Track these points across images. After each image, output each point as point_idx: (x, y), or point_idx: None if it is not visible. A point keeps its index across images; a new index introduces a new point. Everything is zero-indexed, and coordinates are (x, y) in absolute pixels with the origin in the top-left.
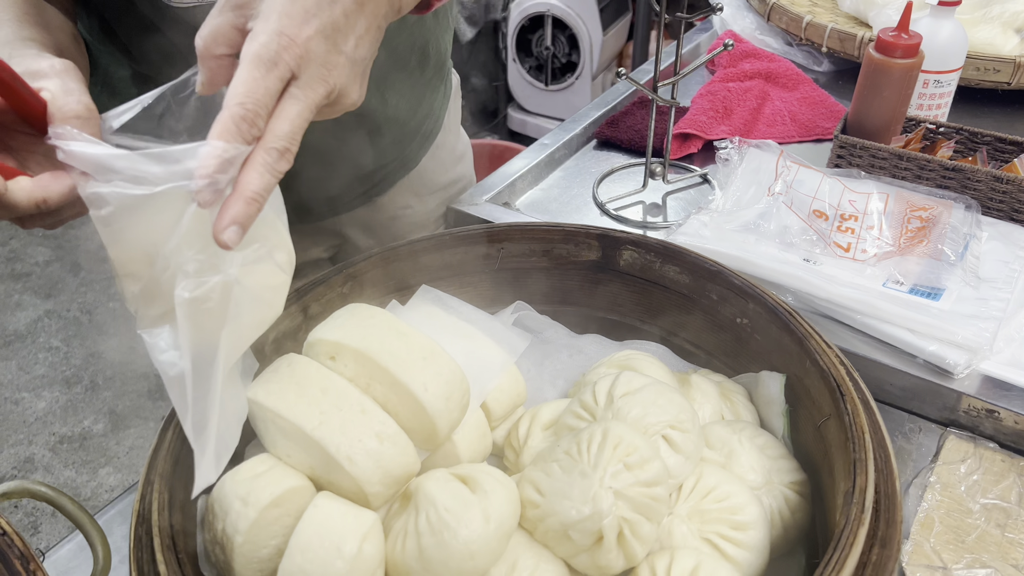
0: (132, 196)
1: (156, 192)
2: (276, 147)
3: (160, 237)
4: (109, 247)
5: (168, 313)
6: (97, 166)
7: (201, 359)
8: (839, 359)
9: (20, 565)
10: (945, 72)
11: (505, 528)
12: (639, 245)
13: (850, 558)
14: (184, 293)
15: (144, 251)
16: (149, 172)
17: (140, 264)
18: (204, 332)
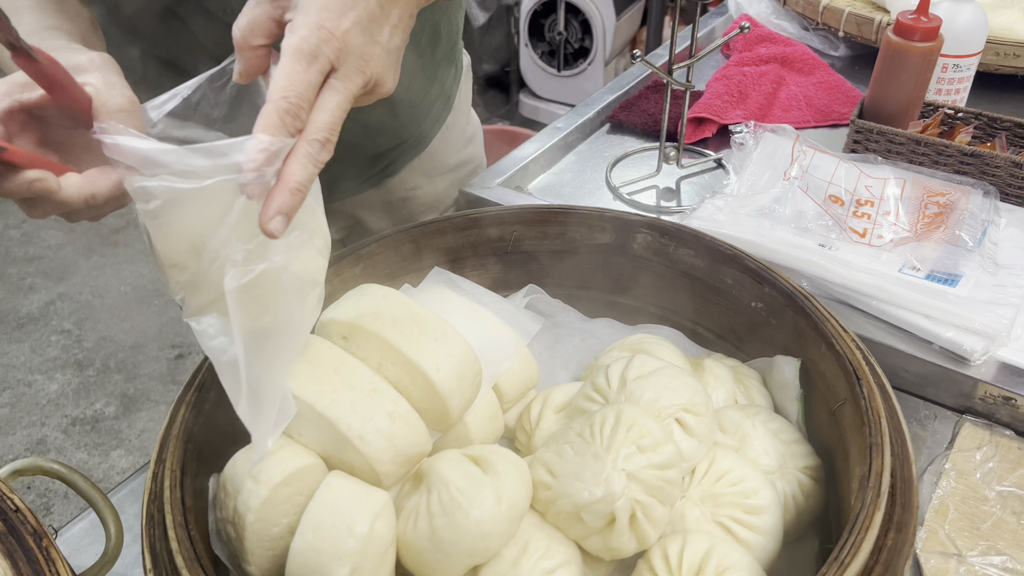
0: (179, 190)
1: (204, 186)
2: (318, 138)
3: (207, 229)
4: (155, 239)
5: (216, 301)
6: (144, 160)
7: (252, 343)
8: (855, 343)
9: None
10: (964, 56)
11: (517, 509)
12: (653, 228)
13: (865, 542)
14: (233, 282)
15: (190, 242)
16: (196, 166)
17: (186, 255)
18: (253, 317)
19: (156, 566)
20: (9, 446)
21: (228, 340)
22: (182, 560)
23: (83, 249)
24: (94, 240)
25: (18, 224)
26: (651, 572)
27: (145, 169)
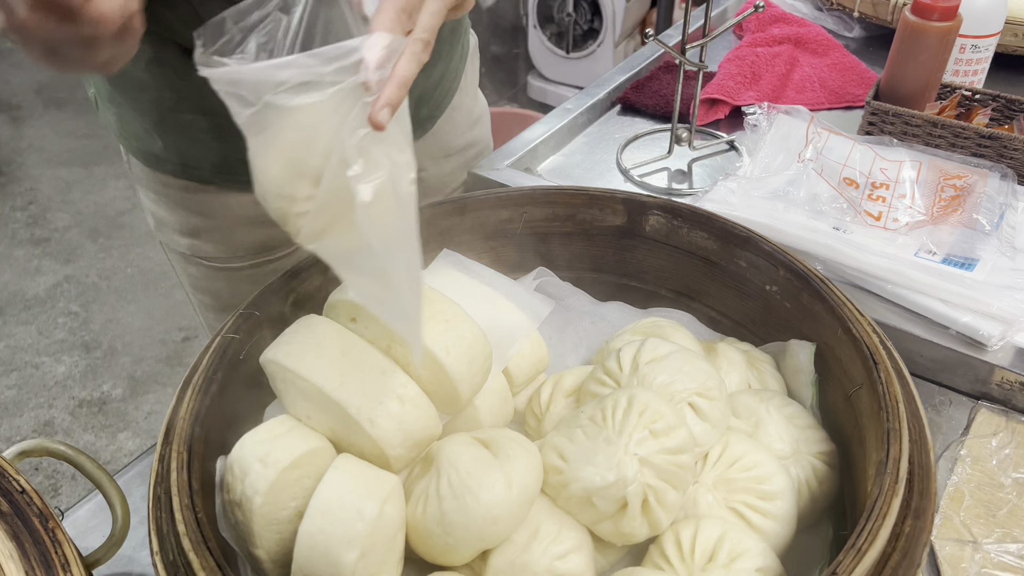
0: (295, 107)
1: (328, 95)
2: (422, 39)
3: (319, 148)
4: (264, 170)
5: (337, 220)
6: (258, 84)
7: (387, 252)
8: (872, 327)
9: (39, 523)
10: (983, 37)
11: (528, 493)
12: (666, 210)
13: (883, 529)
14: (366, 195)
15: (302, 166)
16: (318, 73)
17: (298, 181)
18: (382, 229)
19: (163, 548)
20: (16, 428)
21: (364, 253)
22: (189, 543)
23: (90, 231)
24: (101, 222)
25: (24, 206)
26: (663, 558)
27: (256, 93)
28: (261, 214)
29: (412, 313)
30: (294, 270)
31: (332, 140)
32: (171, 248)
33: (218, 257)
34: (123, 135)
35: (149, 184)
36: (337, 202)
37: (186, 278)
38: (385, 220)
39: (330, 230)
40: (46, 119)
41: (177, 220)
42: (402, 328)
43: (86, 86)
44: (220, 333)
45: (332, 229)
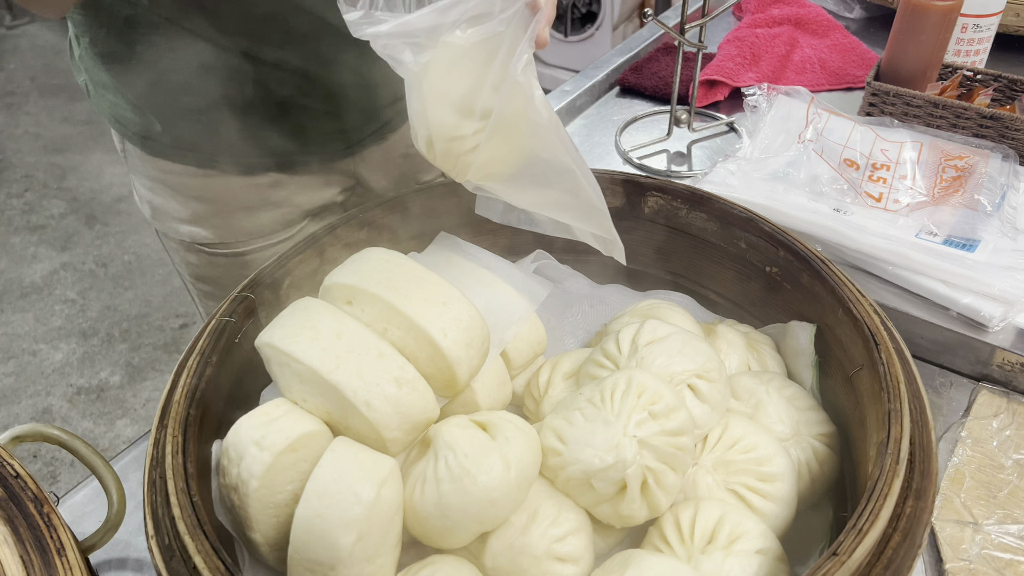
0: (480, 40)
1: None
2: None
3: (495, 75)
4: (437, 113)
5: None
6: (434, 28)
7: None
8: (872, 308)
9: (34, 508)
10: (985, 16)
11: (526, 475)
12: (665, 191)
13: (884, 509)
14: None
15: (473, 100)
16: (489, 2)
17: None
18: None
19: (159, 533)
20: (15, 415)
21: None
22: (185, 527)
23: (86, 218)
24: (97, 209)
25: (20, 193)
26: (662, 540)
27: (433, 37)
28: (261, 197)
29: (604, 210)
30: (289, 253)
31: (502, 67)
32: (169, 236)
33: (217, 243)
34: (119, 120)
35: (146, 171)
36: (506, 129)
37: (184, 266)
38: (554, 134)
39: (497, 159)
40: (41, 105)
41: (175, 207)
42: (599, 227)
43: (76, 73)
44: (215, 316)
45: (499, 158)
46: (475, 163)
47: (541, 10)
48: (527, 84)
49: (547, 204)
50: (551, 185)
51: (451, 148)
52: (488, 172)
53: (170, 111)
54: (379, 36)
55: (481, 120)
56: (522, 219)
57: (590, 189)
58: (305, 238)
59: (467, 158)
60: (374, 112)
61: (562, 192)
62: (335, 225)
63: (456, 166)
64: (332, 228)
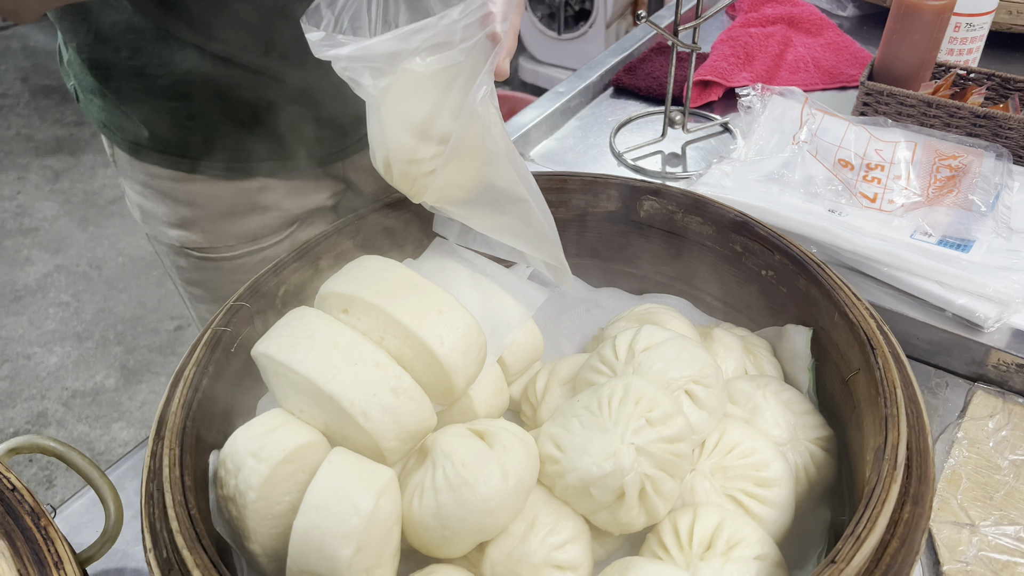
0: (439, 68)
1: (466, 52)
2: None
3: (453, 101)
4: (396, 136)
5: (461, 172)
6: (394, 55)
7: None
8: (869, 311)
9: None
10: (978, 15)
11: (524, 484)
12: (660, 195)
13: (881, 516)
14: (500, 143)
15: (432, 124)
16: (449, 32)
17: (426, 142)
18: (511, 170)
19: (156, 546)
20: (9, 419)
21: (498, 195)
22: (183, 540)
23: (79, 220)
24: (90, 211)
25: (12, 196)
26: (661, 546)
27: (393, 63)
28: (249, 202)
29: (554, 239)
30: (284, 261)
31: (461, 96)
32: (159, 240)
33: (207, 248)
34: (107, 126)
35: (135, 176)
36: (463, 155)
37: (175, 270)
38: (509, 163)
39: (454, 184)
40: (33, 107)
41: (165, 212)
42: (549, 255)
43: (65, 79)
44: (210, 326)
45: (457, 182)
46: (432, 186)
47: (501, 42)
48: (485, 114)
49: (501, 230)
50: (505, 212)
51: (408, 171)
52: (445, 195)
53: (157, 117)
54: (339, 59)
55: (439, 145)
56: (478, 241)
57: (542, 218)
58: (300, 245)
59: (424, 181)
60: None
61: (515, 220)
62: (329, 232)
63: (413, 188)
64: (327, 235)
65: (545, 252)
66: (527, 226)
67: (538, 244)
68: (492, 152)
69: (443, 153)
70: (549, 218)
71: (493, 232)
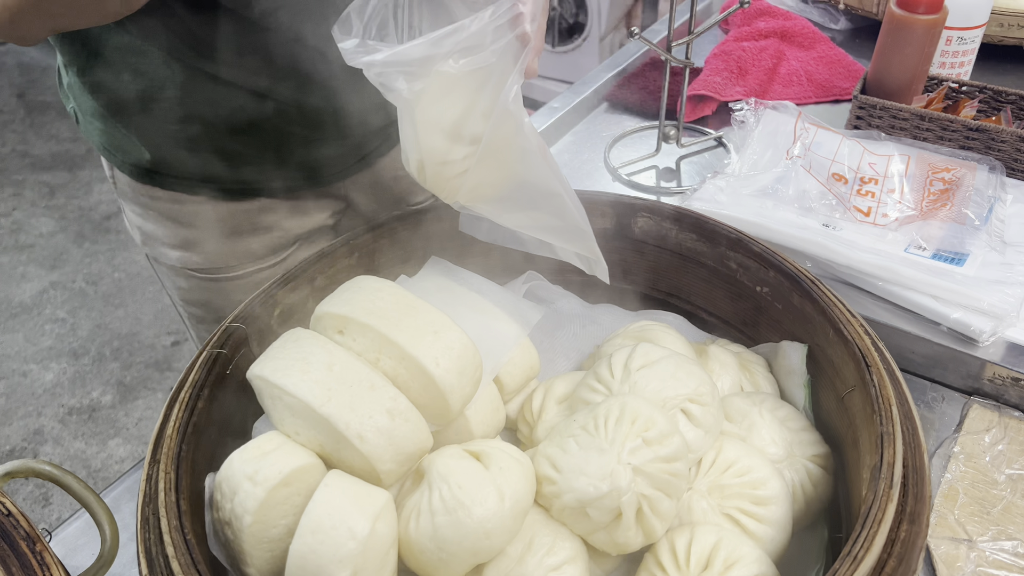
0: (472, 70)
1: (497, 54)
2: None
3: (485, 102)
4: (428, 139)
5: (493, 172)
6: (428, 59)
7: (558, 184)
8: (863, 328)
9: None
10: (969, 28)
11: (521, 506)
12: (654, 212)
13: (878, 536)
14: (533, 140)
15: (463, 126)
16: (481, 34)
17: (457, 143)
18: (544, 166)
19: (153, 571)
20: (6, 437)
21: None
22: (178, 566)
23: (75, 236)
24: (86, 227)
25: (8, 212)
26: (658, 566)
27: (426, 67)
28: (251, 223)
29: (588, 231)
30: (279, 281)
31: (492, 96)
32: (159, 261)
33: (208, 268)
34: (108, 148)
35: (135, 198)
36: (495, 154)
37: (175, 291)
38: (542, 159)
39: (487, 183)
40: (28, 123)
41: (165, 233)
42: (583, 247)
43: (64, 101)
44: (206, 347)
45: (489, 181)
46: (464, 186)
47: (530, 43)
48: (517, 112)
49: (534, 225)
50: (538, 207)
51: (441, 172)
52: (477, 195)
53: (158, 139)
54: (373, 65)
55: (471, 145)
56: (507, 238)
57: (575, 211)
58: (295, 266)
59: (456, 181)
60: (363, 139)
61: (549, 214)
62: (325, 252)
63: (446, 188)
64: (322, 255)
65: (579, 244)
66: (560, 220)
67: (572, 237)
68: (524, 149)
69: (475, 154)
70: (582, 211)
71: (525, 228)
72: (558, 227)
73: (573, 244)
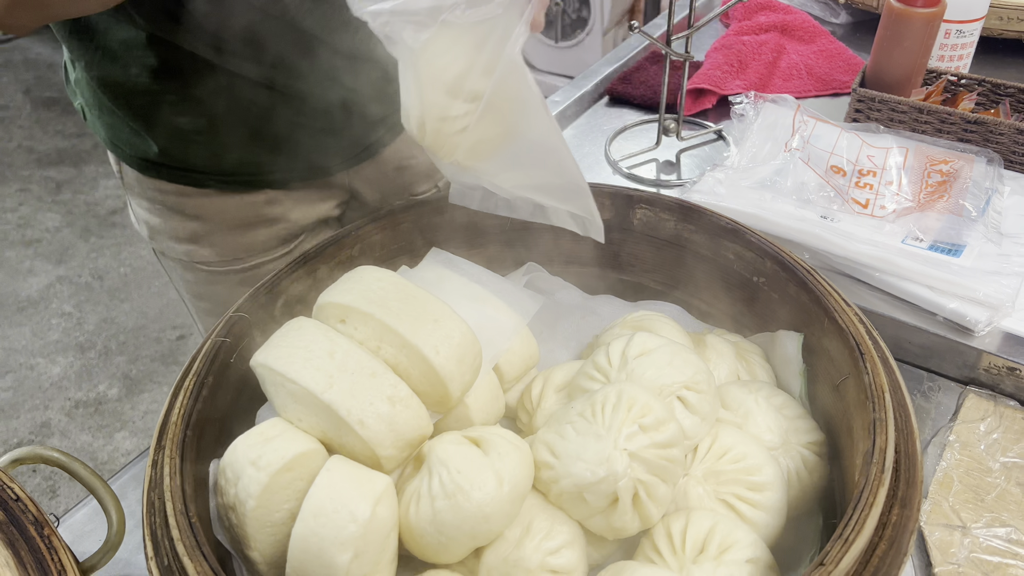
0: (479, 21)
1: (503, 5)
2: None
3: (487, 56)
4: (430, 94)
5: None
6: (435, 8)
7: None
8: (858, 317)
9: (34, 530)
10: (968, 22)
11: (519, 490)
12: (653, 204)
13: (870, 519)
14: (536, 94)
15: (465, 80)
16: None
17: (457, 99)
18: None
19: (158, 554)
20: (13, 430)
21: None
22: (183, 548)
23: (81, 231)
24: (92, 222)
25: (15, 207)
26: (654, 551)
27: (434, 16)
28: (258, 215)
29: (585, 188)
30: (282, 272)
31: (495, 52)
32: (167, 256)
33: (216, 261)
34: (115, 143)
35: (143, 192)
36: (497, 109)
37: (183, 284)
38: (545, 112)
39: (486, 139)
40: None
41: (173, 227)
42: (580, 206)
43: (72, 97)
44: (210, 337)
45: (488, 137)
46: (463, 144)
47: None
48: (521, 64)
49: (531, 184)
50: (537, 164)
51: (441, 128)
52: (476, 153)
53: (166, 133)
54: (380, 14)
55: (471, 102)
56: (500, 206)
57: (574, 167)
58: (298, 257)
59: (456, 139)
60: (367, 128)
61: (548, 171)
62: (327, 243)
63: (445, 146)
64: (324, 246)
65: (576, 203)
66: (559, 177)
67: (569, 195)
68: (527, 101)
69: (476, 110)
70: (579, 169)
71: (521, 189)
72: (556, 185)
73: (570, 203)
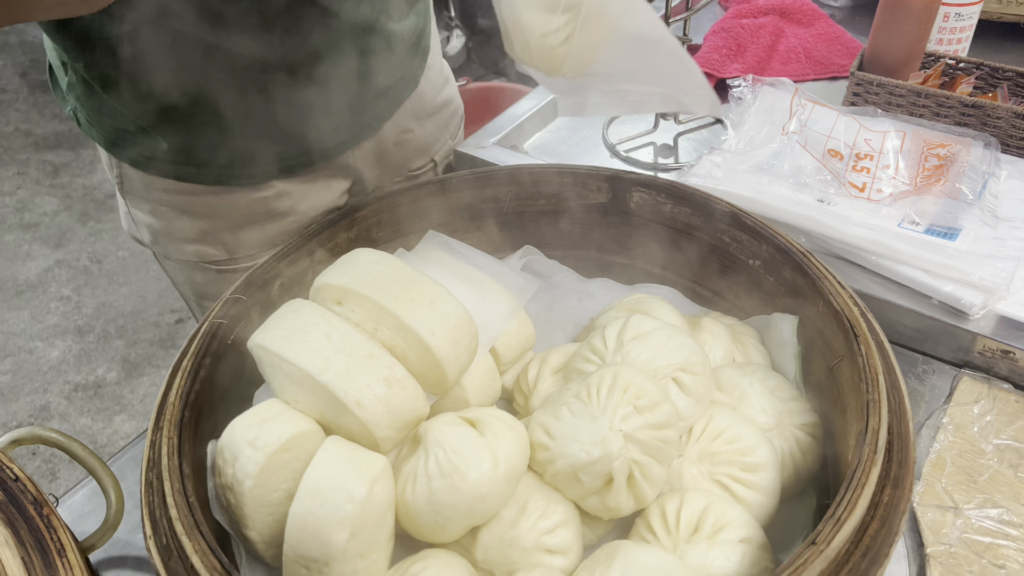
0: None
1: None
2: None
3: None
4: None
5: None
6: None
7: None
8: (853, 300)
9: (33, 510)
10: (966, 5)
11: (515, 471)
12: (649, 187)
13: (862, 499)
14: None
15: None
16: None
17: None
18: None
19: (156, 533)
20: (12, 413)
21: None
22: (182, 527)
23: (79, 215)
24: (90, 206)
25: (12, 191)
26: (649, 530)
27: None
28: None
29: (698, 71)
30: (281, 253)
31: None
32: (172, 258)
33: (226, 259)
34: (117, 144)
35: (147, 195)
36: (596, 13)
37: (189, 286)
38: (646, 6)
39: (589, 45)
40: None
41: (181, 228)
42: (694, 85)
43: (62, 104)
44: (208, 318)
45: (592, 43)
46: (571, 54)
47: None
48: None
49: (644, 76)
50: (647, 56)
51: (544, 43)
52: (583, 61)
53: (172, 127)
54: None
55: (568, 11)
56: (613, 104)
57: (681, 52)
58: (295, 239)
59: (561, 50)
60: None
61: (660, 59)
62: (325, 225)
63: (552, 61)
64: (321, 228)
65: (691, 85)
66: (669, 64)
67: (684, 79)
68: None
69: (576, 18)
70: (685, 51)
71: (636, 80)
72: (668, 71)
73: (686, 85)
